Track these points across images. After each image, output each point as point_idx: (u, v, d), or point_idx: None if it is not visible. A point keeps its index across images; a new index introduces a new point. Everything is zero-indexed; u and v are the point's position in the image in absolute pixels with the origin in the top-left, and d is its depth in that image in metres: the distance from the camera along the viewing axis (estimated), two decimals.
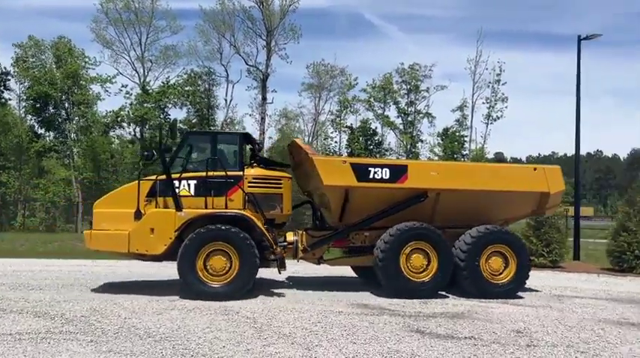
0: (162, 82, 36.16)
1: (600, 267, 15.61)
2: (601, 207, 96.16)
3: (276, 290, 9.70)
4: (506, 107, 34.69)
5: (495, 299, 9.22)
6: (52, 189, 31.22)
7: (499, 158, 55.97)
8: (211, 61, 36.27)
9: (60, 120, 34.99)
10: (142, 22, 35.44)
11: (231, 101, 37.36)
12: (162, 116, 35.26)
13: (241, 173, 9.26)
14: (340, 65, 40.66)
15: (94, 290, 9.42)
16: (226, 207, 9.06)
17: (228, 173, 9.15)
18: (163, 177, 9.09)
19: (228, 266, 8.72)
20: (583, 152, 29.95)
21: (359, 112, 39.45)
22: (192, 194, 9.09)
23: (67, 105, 34.30)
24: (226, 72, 36.70)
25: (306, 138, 42.27)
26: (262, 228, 8.97)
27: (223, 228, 8.73)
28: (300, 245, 9.79)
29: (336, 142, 40.33)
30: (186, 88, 36.08)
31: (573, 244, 17.27)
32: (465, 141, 36.29)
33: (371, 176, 9.35)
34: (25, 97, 36.52)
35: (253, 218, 8.97)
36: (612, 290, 11.12)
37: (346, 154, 36.26)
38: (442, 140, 36.63)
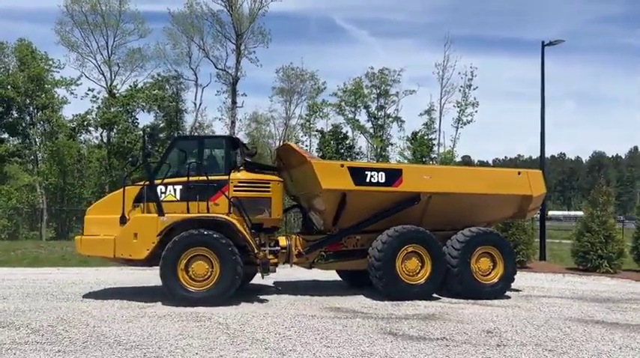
0: (130, 86, 35.52)
1: (565, 266, 16.05)
2: (565, 208, 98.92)
3: (249, 296, 9.63)
4: (476, 111, 35.34)
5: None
6: (15, 195, 30.25)
7: (466, 161, 56.93)
8: (180, 64, 35.88)
9: (24, 124, 33.99)
10: (108, 24, 34.76)
11: (200, 105, 36.99)
12: (130, 120, 34.64)
13: (227, 177, 9.17)
14: (310, 69, 40.88)
15: (61, 299, 9.17)
16: (208, 211, 8.98)
17: (215, 177, 9.11)
18: (161, 182, 9.10)
19: (209, 271, 8.63)
20: (547, 155, 30.76)
21: (329, 116, 39.66)
22: (178, 199, 9.05)
23: (31, 109, 33.36)
24: (195, 76, 36.33)
25: (277, 142, 42.22)
26: (244, 233, 8.86)
27: (205, 232, 8.64)
28: (294, 249, 9.74)
29: (306, 146, 40.40)
30: (154, 92, 35.56)
31: (539, 245, 17.72)
32: (434, 144, 36.83)
33: (367, 180, 9.45)
34: None
35: (235, 222, 8.85)
36: (577, 289, 11.46)
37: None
38: (411, 144, 37.09)
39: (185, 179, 9.04)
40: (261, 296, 9.59)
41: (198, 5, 34.01)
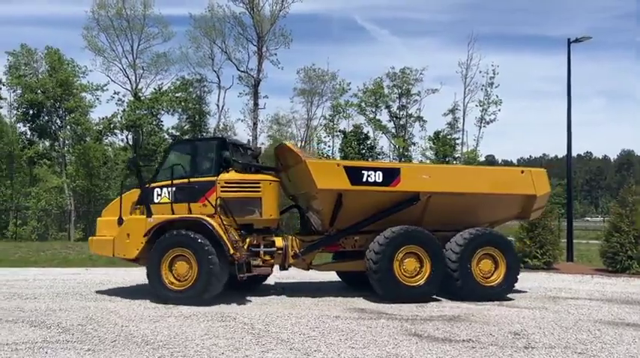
0: (155, 89, 36.11)
1: (594, 267, 15.73)
2: (593, 208, 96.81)
3: (272, 296, 9.69)
4: (499, 110, 34.95)
5: (487, 301, 9.27)
6: (44, 197, 31.01)
7: (490, 161, 56.26)
8: (203, 67, 36.27)
9: (53, 127, 34.85)
10: (133, 29, 35.39)
11: (223, 107, 37.34)
12: (155, 122, 35.18)
13: (215, 178, 9.29)
14: (332, 70, 40.88)
15: (90, 299, 9.36)
16: (190, 212, 9.17)
17: (202, 179, 9.30)
18: (155, 184, 9.46)
19: (189, 271, 8.81)
20: (574, 153, 30.20)
21: (351, 117, 39.61)
22: (172, 201, 9.30)
23: (60, 112, 34.20)
24: (218, 78, 36.72)
25: (299, 143, 42.32)
26: (220, 232, 8.83)
27: (183, 233, 8.87)
28: (290, 250, 9.66)
29: (329, 147, 40.43)
30: (178, 95, 36.03)
31: (566, 245, 17.40)
32: (457, 144, 36.50)
33: (364, 179, 9.26)
34: (16, 105, 36.32)
35: (212, 222, 8.89)
36: (607, 291, 11.21)
37: (340, 158, 36.35)
38: (434, 143, 36.82)
39: (177, 182, 9.29)
40: (284, 297, 9.63)
41: (220, 8, 34.35)
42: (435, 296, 9.43)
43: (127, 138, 35.82)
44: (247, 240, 9.44)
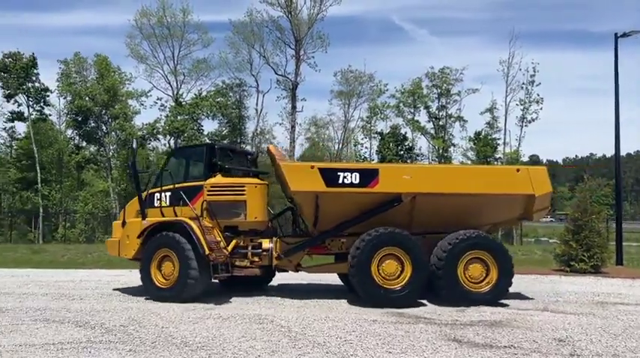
0: (195, 94, 36.89)
1: None
2: None
3: (309, 299, 9.68)
4: (541, 108, 33.99)
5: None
6: (91, 201, 32.13)
7: (534, 160, 54.75)
8: (241, 72, 36.85)
9: (99, 133, 36.12)
10: (174, 36, 36.31)
11: (261, 111, 37.82)
12: (195, 127, 35.91)
13: (202, 182, 9.75)
14: (369, 71, 40.73)
15: (132, 300, 9.61)
16: (175, 215, 9.72)
17: (194, 183, 9.84)
18: (154, 190, 10.12)
19: (173, 270, 9.35)
20: (623, 152, 28.98)
21: (389, 118, 39.33)
22: (168, 204, 9.92)
23: (106, 118, 35.44)
24: (256, 82, 37.21)
25: (337, 146, 42.31)
26: (198, 234, 9.18)
27: (168, 235, 9.43)
28: (274, 252, 9.77)
29: (366, 148, 40.27)
30: (218, 100, 36.68)
31: (615, 248, 16.69)
32: (498, 144, 35.67)
33: (340, 181, 9.16)
34: (66, 112, 37.84)
35: (191, 224, 9.30)
36: None
37: (377, 160, 36.17)
38: (474, 144, 36.11)
39: (172, 186, 9.91)
40: (321, 300, 9.61)
41: (259, 13, 34.81)
42: (480, 301, 9.21)
43: (169, 143, 36.73)
44: (233, 241, 9.73)
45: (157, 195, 10.01)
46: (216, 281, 9.95)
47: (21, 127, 38.58)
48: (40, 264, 17.17)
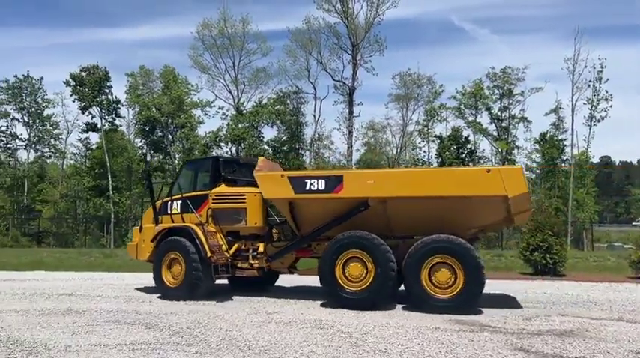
0: (255, 103, 37.76)
1: None
2: None
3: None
4: (610, 106, 32.23)
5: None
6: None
7: (606, 162, 51.94)
8: (299, 79, 37.37)
9: (165, 142, 37.71)
10: (234, 46, 37.38)
11: (319, 117, 38.16)
12: (255, 135, 36.74)
13: (208, 191, 10.74)
14: (427, 73, 40.15)
15: (198, 303, 9.92)
16: (183, 221, 10.80)
17: (202, 192, 10.84)
18: (167, 199, 11.29)
19: (181, 271, 10.35)
20: None
21: (448, 120, 38.58)
22: (178, 212, 11.03)
23: (171, 128, 37.00)
24: (314, 89, 37.63)
25: (395, 150, 41.96)
26: (201, 238, 10.21)
27: (178, 239, 10.44)
28: (264, 255, 10.48)
29: (425, 152, 39.67)
30: (277, 107, 37.37)
31: None
32: (565, 145, 34.15)
33: (307, 187, 9.56)
34: (134, 122, 39.83)
35: (196, 229, 10.34)
36: None
37: (436, 165, 35.57)
38: (540, 146, 34.75)
39: (179, 196, 11.04)
40: (381, 306, 9.54)
41: (316, 20, 35.20)
42: (548, 309, 8.85)
43: (230, 151, 37.78)
44: (235, 245, 10.63)
45: (169, 203, 11.18)
46: (227, 283, 11.29)
47: (94, 138, 41.01)
48: (111, 268, 18.11)
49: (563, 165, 34.03)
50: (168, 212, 11.13)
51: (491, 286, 13.10)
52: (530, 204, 9.38)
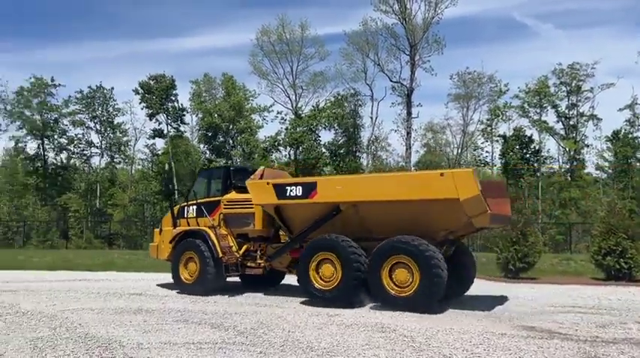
0: (313, 106, 38.11)
1: None
2: None
3: (432, 309, 9.47)
4: None
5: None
6: None
7: None
8: (356, 81, 37.34)
9: (227, 147, 38.79)
10: (293, 51, 37.91)
11: (376, 119, 37.97)
12: (313, 138, 37.05)
13: (220, 198, 11.90)
14: (488, 72, 39.04)
15: (261, 305, 10.13)
16: (198, 225, 11.91)
17: (215, 198, 11.98)
18: (184, 204, 12.46)
19: (196, 269, 11.43)
20: None
21: (512, 120, 37.30)
22: (194, 216, 12.16)
23: (232, 133, 38.03)
24: (371, 91, 37.49)
25: (455, 150, 41.04)
26: (214, 240, 11.31)
27: (191, 240, 11.59)
28: (264, 256, 11.47)
29: (487, 153, 38.55)
30: (334, 111, 37.52)
31: None
32: None
33: (287, 194, 10.38)
34: (198, 128, 41.25)
35: (209, 232, 11.46)
36: None
37: (500, 165, 34.50)
38: (612, 144, 32.95)
39: (194, 202, 12.17)
40: (445, 310, 9.37)
41: (373, 22, 35.09)
42: (624, 316, 8.37)
43: (289, 154, 38.34)
44: (245, 246, 11.66)
45: (186, 208, 12.37)
46: (239, 281, 12.39)
47: (159, 143, 42.80)
48: None
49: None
50: (185, 216, 12.33)
51: (559, 291, 12.57)
52: (485, 207, 8.83)
